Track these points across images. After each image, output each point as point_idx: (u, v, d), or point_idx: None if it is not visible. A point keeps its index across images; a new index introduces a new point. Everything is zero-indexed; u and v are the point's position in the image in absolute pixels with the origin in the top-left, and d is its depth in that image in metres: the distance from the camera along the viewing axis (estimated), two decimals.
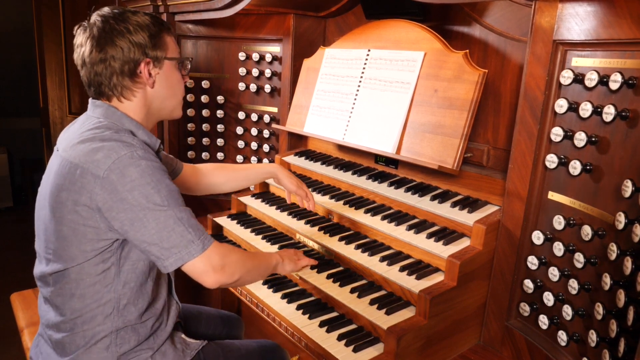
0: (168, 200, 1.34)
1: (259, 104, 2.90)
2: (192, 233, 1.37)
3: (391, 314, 1.68)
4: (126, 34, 1.43)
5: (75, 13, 4.43)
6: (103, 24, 1.43)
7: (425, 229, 1.88)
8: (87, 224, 1.34)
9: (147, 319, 1.50)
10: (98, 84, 1.48)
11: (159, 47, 1.50)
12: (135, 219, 1.31)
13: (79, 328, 1.43)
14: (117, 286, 1.42)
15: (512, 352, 1.76)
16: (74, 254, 1.38)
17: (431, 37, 2.00)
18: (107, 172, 1.30)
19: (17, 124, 6.68)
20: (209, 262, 1.39)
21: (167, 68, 1.54)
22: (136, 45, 1.45)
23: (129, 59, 1.44)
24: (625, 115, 1.34)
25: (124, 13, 1.47)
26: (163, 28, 1.53)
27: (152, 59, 1.49)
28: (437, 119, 1.91)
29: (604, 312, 1.35)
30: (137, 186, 1.30)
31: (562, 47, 1.52)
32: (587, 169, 1.46)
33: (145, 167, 1.33)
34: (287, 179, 2.11)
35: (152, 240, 1.33)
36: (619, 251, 1.30)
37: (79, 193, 1.32)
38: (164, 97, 1.56)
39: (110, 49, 1.43)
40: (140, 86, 1.50)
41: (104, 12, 1.46)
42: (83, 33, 1.46)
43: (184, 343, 1.62)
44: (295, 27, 2.62)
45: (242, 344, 1.79)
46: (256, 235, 2.29)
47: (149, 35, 1.47)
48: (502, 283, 1.76)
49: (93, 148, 1.33)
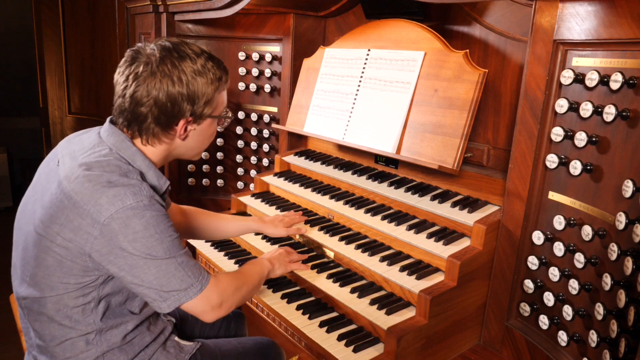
0: (170, 251, 1.31)
1: (259, 104, 2.90)
2: (192, 277, 1.35)
3: (391, 314, 1.67)
4: (177, 84, 1.32)
5: (75, 12, 4.43)
6: (159, 64, 1.32)
7: (425, 229, 1.87)
8: (74, 261, 1.29)
9: (132, 339, 1.46)
10: (129, 121, 1.37)
11: (209, 104, 1.40)
12: (135, 266, 1.27)
13: (61, 355, 1.38)
14: (96, 318, 1.37)
15: (513, 352, 1.75)
16: (54, 284, 1.31)
17: (431, 36, 2.00)
18: (109, 220, 1.23)
19: (17, 123, 6.68)
20: (208, 302, 1.39)
21: (205, 124, 1.44)
22: (185, 100, 1.34)
23: (171, 112, 1.35)
24: (626, 115, 1.34)
25: (185, 58, 1.34)
26: (221, 82, 1.41)
27: (196, 116, 1.39)
28: (437, 119, 1.91)
29: (605, 312, 1.35)
30: (139, 238, 1.26)
31: (563, 46, 1.52)
32: (587, 169, 1.46)
33: (150, 218, 1.27)
34: (273, 228, 2.07)
35: (150, 285, 1.30)
36: (619, 251, 1.30)
37: (75, 232, 1.26)
38: (190, 147, 1.48)
39: (157, 93, 1.32)
40: (170, 137, 1.41)
41: (164, 47, 1.34)
42: (134, 66, 1.33)
43: (177, 347, 1.58)
44: (295, 27, 2.62)
45: (238, 341, 1.78)
46: (256, 236, 2.28)
47: (204, 94, 1.37)
48: (502, 283, 1.76)
49: (97, 190, 1.24)
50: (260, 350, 1.77)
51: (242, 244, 2.35)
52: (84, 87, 4.64)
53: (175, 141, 1.44)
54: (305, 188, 2.36)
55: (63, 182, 1.29)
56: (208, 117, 1.43)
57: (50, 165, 1.43)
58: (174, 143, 1.44)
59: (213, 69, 1.39)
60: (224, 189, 3.13)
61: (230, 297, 1.47)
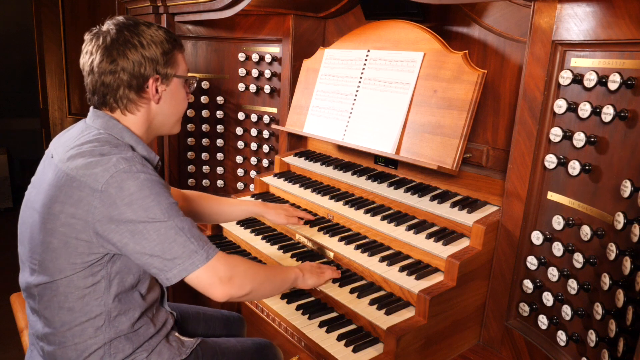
0: (169, 212, 1.32)
1: (259, 105, 2.90)
2: (195, 243, 1.34)
3: (391, 314, 1.68)
4: (139, 47, 1.42)
5: (75, 13, 4.43)
6: (117, 35, 1.42)
7: (424, 229, 1.88)
8: (79, 237, 1.32)
9: (139, 328, 1.48)
10: (103, 94, 1.46)
11: (170, 64, 1.49)
12: (135, 232, 1.29)
13: (70, 341, 1.40)
14: (107, 299, 1.40)
15: (512, 352, 1.76)
16: (62, 266, 1.35)
17: (430, 37, 2.01)
18: (105, 185, 1.28)
19: (17, 124, 6.69)
20: (215, 273, 1.36)
21: (174, 85, 1.53)
22: (148, 61, 1.44)
23: (138, 73, 1.43)
24: (624, 116, 1.34)
25: (139, 25, 1.45)
26: (176, 45, 1.52)
27: (162, 75, 1.48)
28: (436, 120, 1.91)
29: (603, 312, 1.36)
30: (136, 199, 1.29)
31: (561, 47, 1.53)
32: (586, 169, 1.46)
33: (144, 180, 1.31)
34: (274, 215, 2.10)
35: (153, 252, 1.30)
36: (618, 251, 1.30)
37: (76, 206, 1.30)
38: (167, 114, 1.55)
39: (122, 61, 1.41)
40: (145, 101, 1.49)
41: (119, 22, 1.45)
42: (95, 40, 1.44)
43: (178, 341, 1.61)
44: (295, 28, 2.62)
45: (238, 341, 1.80)
46: (256, 236, 2.29)
47: (162, 52, 1.46)
48: (501, 283, 1.76)
49: (91, 162, 1.31)
50: (258, 350, 1.79)
51: (242, 244, 2.35)
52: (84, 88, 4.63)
53: (151, 106, 1.51)
54: (305, 189, 2.37)
55: (58, 165, 1.36)
56: (174, 77, 1.52)
57: (46, 161, 1.49)
58: (151, 109, 1.51)
59: (166, 34, 1.50)
60: (224, 189, 3.13)
61: (242, 275, 1.43)
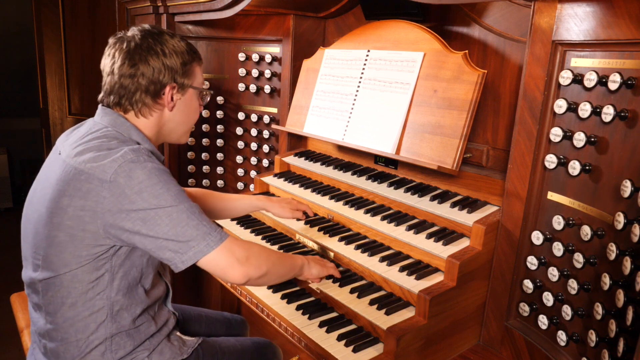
0: (179, 198, 1.35)
1: (259, 105, 2.90)
2: (207, 225, 1.37)
3: (391, 314, 1.68)
4: (161, 55, 1.48)
5: (75, 13, 4.43)
6: (141, 41, 1.48)
7: (424, 229, 1.88)
8: (86, 229, 1.33)
9: (141, 324, 1.49)
10: (120, 95, 1.50)
11: (188, 75, 1.55)
12: (147, 218, 1.31)
13: (72, 337, 1.41)
14: (110, 293, 1.41)
15: (512, 352, 1.76)
16: (67, 260, 1.36)
17: (430, 37, 2.01)
18: (114, 175, 1.30)
19: (17, 124, 6.69)
20: (232, 253, 1.38)
21: (189, 95, 1.59)
22: (168, 69, 1.49)
23: (157, 80, 1.49)
24: (624, 116, 1.34)
25: (163, 34, 1.52)
26: (195, 57, 1.59)
27: (179, 85, 1.54)
28: (436, 120, 1.91)
29: (603, 312, 1.36)
30: (145, 187, 1.31)
31: (561, 47, 1.53)
32: (586, 169, 1.46)
33: (152, 168, 1.34)
34: (279, 208, 2.13)
35: (167, 236, 1.32)
36: (618, 251, 1.30)
37: (85, 198, 1.32)
38: (178, 122, 1.60)
39: (143, 66, 1.47)
40: (159, 107, 1.54)
41: (144, 29, 1.52)
42: (119, 44, 1.50)
43: (180, 340, 1.62)
44: (295, 28, 2.62)
45: (237, 340, 1.82)
46: (256, 236, 2.29)
47: (182, 63, 1.52)
48: (501, 283, 1.76)
49: (99, 155, 1.35)
50: (258, 349, 1.80)
51: None
52: (84, 88, 4.64)
53: (165, 113, 1.56)
54: (305, 189, 2.37)
55: (66, 161, 1.39)
56: (190, 87, 1.57)
57: (52, 157, 1.51)
58: (164, 115, 1.56)
59: (187, 46, 1.57)
60: (224, 189, 3.13)
61: (257, 255, 1.46)
